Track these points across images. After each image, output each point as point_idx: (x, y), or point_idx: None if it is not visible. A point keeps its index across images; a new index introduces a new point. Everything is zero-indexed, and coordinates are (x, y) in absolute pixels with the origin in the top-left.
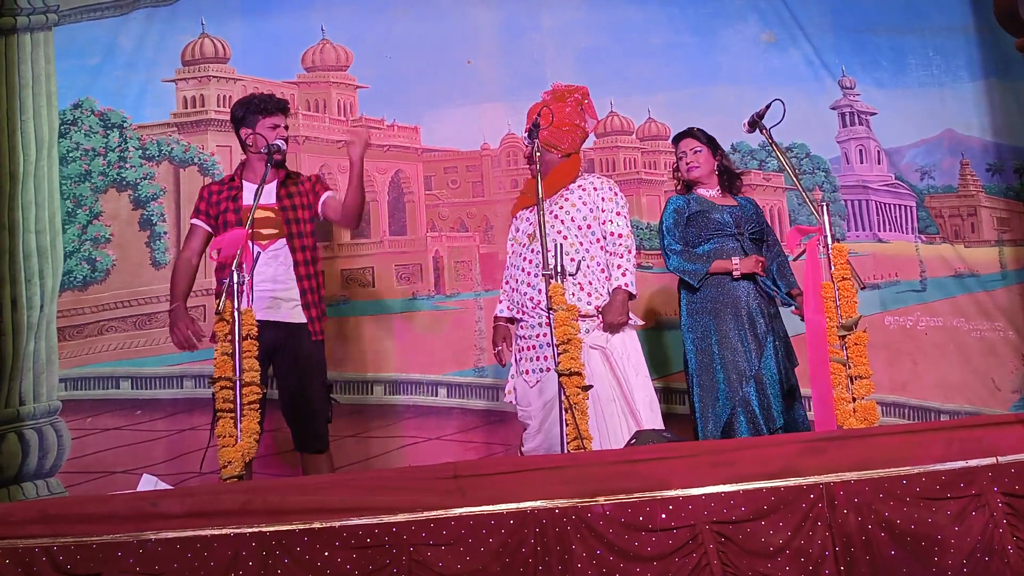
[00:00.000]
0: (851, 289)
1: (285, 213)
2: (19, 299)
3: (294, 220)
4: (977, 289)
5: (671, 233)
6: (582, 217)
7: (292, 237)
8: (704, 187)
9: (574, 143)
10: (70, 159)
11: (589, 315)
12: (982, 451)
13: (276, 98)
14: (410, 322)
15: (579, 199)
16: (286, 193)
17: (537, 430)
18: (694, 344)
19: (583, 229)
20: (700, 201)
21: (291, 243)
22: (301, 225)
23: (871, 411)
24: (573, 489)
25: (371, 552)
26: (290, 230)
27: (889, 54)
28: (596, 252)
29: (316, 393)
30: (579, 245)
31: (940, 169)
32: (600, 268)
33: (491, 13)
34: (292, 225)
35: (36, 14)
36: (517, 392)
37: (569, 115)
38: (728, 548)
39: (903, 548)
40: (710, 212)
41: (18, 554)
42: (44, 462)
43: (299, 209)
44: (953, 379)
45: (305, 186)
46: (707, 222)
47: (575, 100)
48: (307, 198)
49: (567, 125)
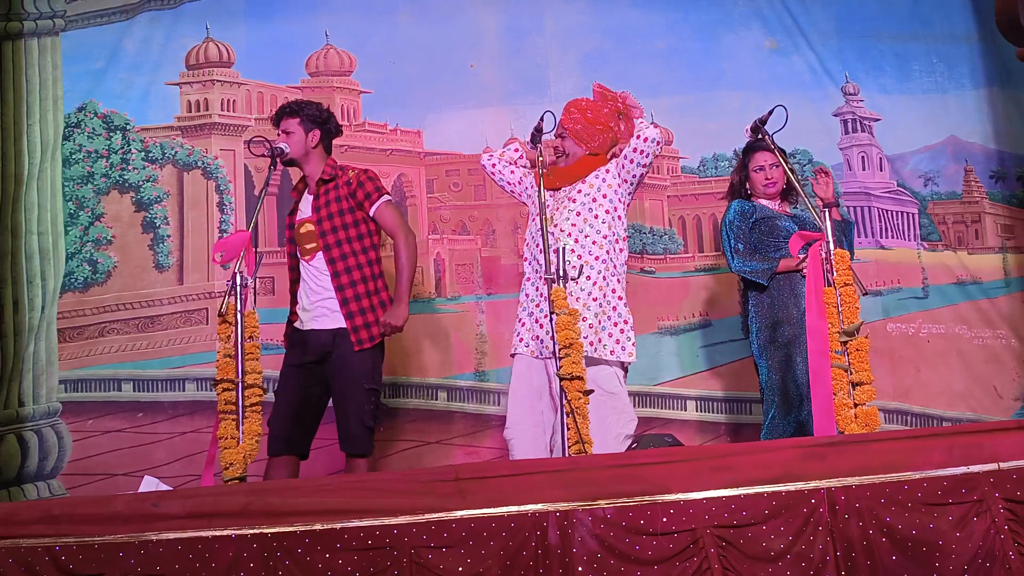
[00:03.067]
0: (853, 295)
1: (320, 225)
2: (20, 300)
3: (329, 230)
4: (980, 296)
5: (734, 234)
6: (592, 199)
7: (328, 248)
8: (768, 198)
9: (603, 145)
10: (73, 161)
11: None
12: (984, 457)
13: (282, 106)
14: (411, 325)
15: (590, 184)
16: (324, 201)
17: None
18: (764, 357)
19: (589, 220)
20: (763, 209)
21: (326, 255)
22: (337, 232)
23: (872, 417)
24: (574, 492)
25: (372, 554)
26: (325, 241)
27: (893, 60)
28: (600, 241)
29: (353, 398)
30: (583, 237)
31: (944, 175)
32: (601, 260)
33: (494, 17)
34: (328, 235)
35: (43, 19)
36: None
37: (606, 116)
38: (729, 552)
39: (904, 554)
40: (776, 219)
41: (21, 554)
42: (45, 464)
43: (335, 216)
44: (955, 386)
45: (348, 185)
46: (774, 229)
47: (612, 107)
48: (346, 201)
49: (601, 124)
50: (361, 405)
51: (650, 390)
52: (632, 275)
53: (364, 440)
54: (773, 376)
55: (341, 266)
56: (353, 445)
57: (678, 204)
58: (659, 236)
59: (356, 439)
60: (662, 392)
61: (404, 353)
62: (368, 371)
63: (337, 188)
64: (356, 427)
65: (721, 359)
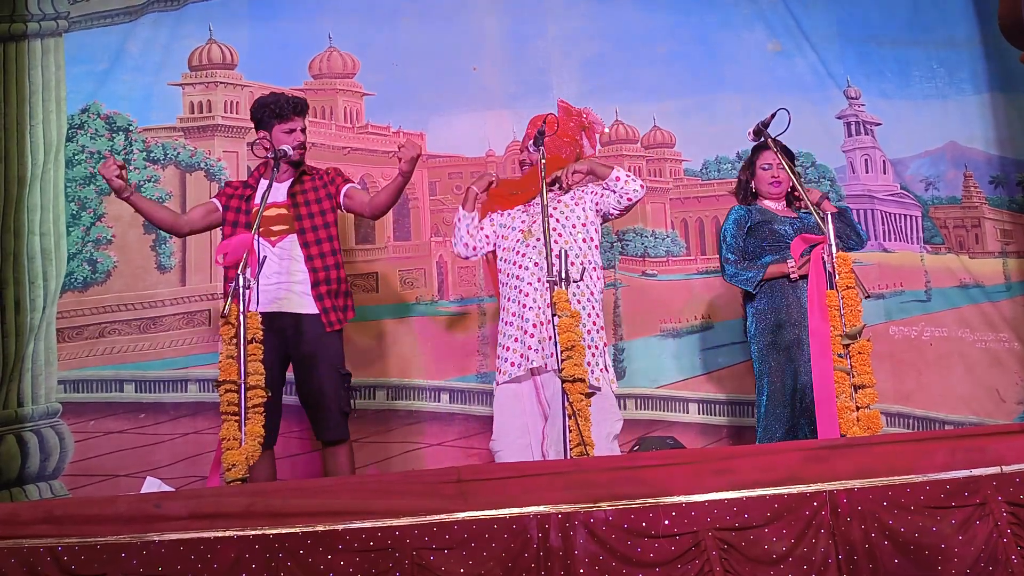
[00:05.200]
0: (855, 298)
1: (297, 209)
2: (22, 301)
3: (306, 215)
4: (982, 300)
5: (727, 246)
6: (576, 216)
7: (303, 231)
8: (772, 199)
9: (571, 156)
10: (76, 162)
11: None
12: (986, 460)
13: (291, 100)
14: (413, 327)
15: (571, 199)
16: (300, 189)
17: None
18: (760, 358)
19: (576, 228)
20: (763, 212)
21: (301, 237)
22: (314, 219)
23: (874, 420)
24: (576, 494)
25: (374, 556)
26: (301, 225)
27: (894, 66)
28: (590, 253)
29: (328, 381)
30: (573, 243)
31: (944, 180)
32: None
33: (497, 21)
34: (304, 220)
35: (47, 20)
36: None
37: (572, 130)
38: (731, 555)
39: (906, 557)
40: (772, 223)
41: (23, 554)
42: (46, 465)
43: (312, 203)
44: (958, 390)
45: (322, 180)
46: (768, 233)
47: (577, 121)
48: (322, 191)
49: (568, 137)
50: (337, 391)
51: (652, 393)
52: (634, 278)
53: (344, 426)
54: (774, 381)
55: (315, 250)
56: (334, 432)
57: (680, 207)
58: (661, 239)
59: (337, 426)
60: (664, 395)
61: (406, 355)
62: (340, 355)
63: (313, 180)
64: (336, 413)
65: (723, 362)
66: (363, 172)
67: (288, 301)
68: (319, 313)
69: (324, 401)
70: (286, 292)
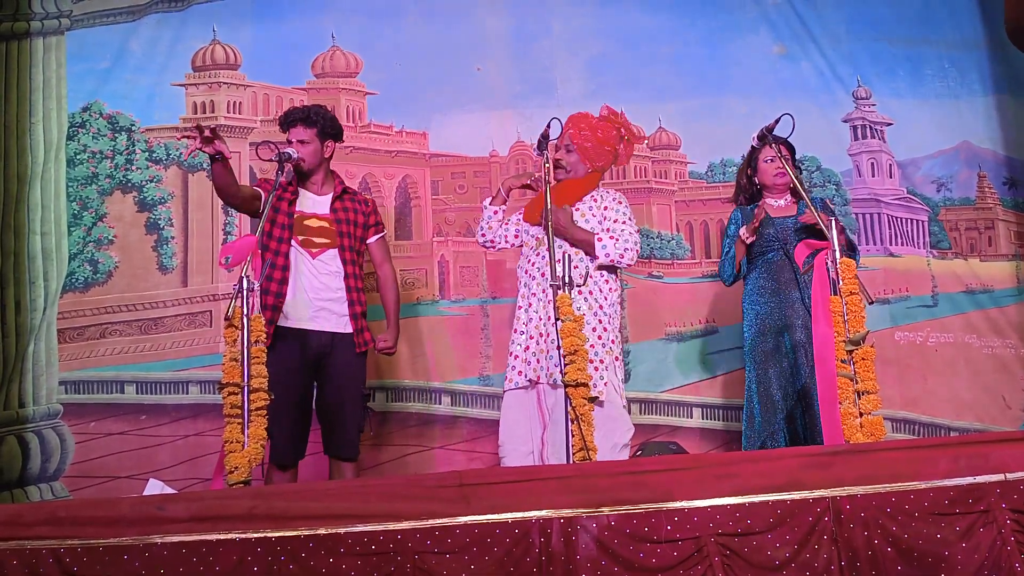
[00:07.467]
0: (859, 304)
1: (340, 225)
2: (23, 301)
3: (348, 233)
4: (990, 305)
5: (723, 246)
6: (590, 228)
7: (345, 249)
8: (779, 192)
9: (606, 164)
10: (77, 161)
11: None
12: (990, 467)
13: (292, 110)
14: (414, 328)
15: (589, 209)
16: (342, 206)
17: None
18: (751, 361)
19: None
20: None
21: (343, 255)
22: (353, 239)
23: (878, 426)
24: (578, 499)
25: (376, 559)
26: (342, 242)
27: (905, 64)
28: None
29: (350, 402)
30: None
31: (957, 181)
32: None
33: (501, 19)
34: (345, 238)
35: (49, 19)
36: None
37: (613, 138)
38: (733, 561)
39: (909, 564)
40: (765, 227)
41: (25, 555)
42: (47, 466)
43: (351, 223)
44: (963, 396)
45: (364, 205)
46: (759, 237)
47: (619, 130)
48: (362, 217)
49: (608, 145)
50: (356, 410)
51: (655, 397)
52: (639, 280)
53: (356, 445)
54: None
55: (352, 269)
56: (346, 449)
57: (685, 209)
58: (666, 241)
59: (350, 443)
60: (667, 399)
61: (407, 357)
62: (364, 376)
63: (355, 202)
64: (352, 432)
65: (727, 366)
66: (365, 172)
67: (325, 319)
68: (352, 333)
69: (343, 419)
70: (322, 308)
